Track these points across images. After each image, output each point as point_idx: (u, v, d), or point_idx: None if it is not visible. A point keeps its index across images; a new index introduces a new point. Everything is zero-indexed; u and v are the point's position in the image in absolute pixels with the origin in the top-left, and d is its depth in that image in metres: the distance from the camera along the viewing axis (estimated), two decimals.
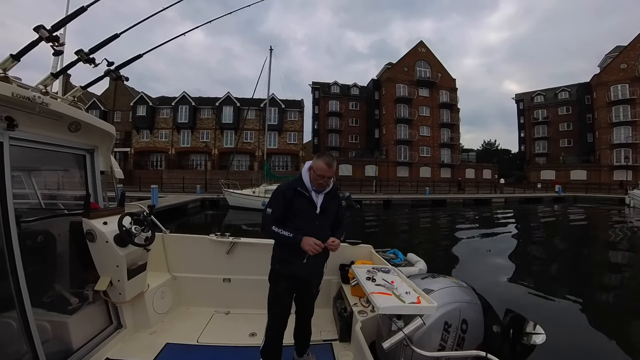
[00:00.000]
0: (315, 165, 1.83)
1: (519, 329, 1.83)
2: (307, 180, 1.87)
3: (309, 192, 1.86)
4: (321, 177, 1.82)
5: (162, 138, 32.21)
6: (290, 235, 1.76)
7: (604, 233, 12.47)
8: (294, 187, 1.85)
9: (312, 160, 1.89)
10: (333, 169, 1.84)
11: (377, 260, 2.93)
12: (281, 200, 1.83)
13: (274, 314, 1.88)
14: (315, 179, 1.84)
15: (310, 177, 1.86)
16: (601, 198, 25.01)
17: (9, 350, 1.56)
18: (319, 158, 1.85)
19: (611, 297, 5.42)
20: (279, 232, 1.78)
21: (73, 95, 1.94)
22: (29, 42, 1.46)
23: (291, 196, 1.83)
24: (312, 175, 1.85)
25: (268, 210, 1.84)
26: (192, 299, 2.87)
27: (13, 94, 1.40)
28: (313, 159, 1.89)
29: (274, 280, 1.91)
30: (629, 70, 31.83)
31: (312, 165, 1.87)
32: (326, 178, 1.83)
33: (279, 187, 1.93)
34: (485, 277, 6.12)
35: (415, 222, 15.29)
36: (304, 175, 1.89)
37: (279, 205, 1.83)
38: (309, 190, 1.86)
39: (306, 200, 1.86)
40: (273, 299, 1.89)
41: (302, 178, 1.88)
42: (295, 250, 1.79)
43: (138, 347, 2.17)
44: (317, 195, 1.89)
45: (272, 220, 1.81)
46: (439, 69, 37.98)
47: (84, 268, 2.09)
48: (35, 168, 2.19)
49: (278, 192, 1.88)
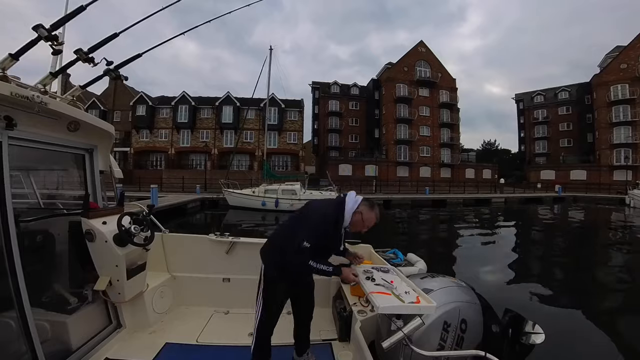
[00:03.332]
0: (369, 216, 1.79)
1: (518, 329, 1.83)
2: (349, 220, 1.80)
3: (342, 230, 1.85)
4: (366, 227, 1.81)
5: (161, 138, 32.19)
6: (330, 269, 1.71)
7: (604, 233, 12.48)
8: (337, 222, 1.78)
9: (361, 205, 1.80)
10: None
11: (376, 260, 2.93)
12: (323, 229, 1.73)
13: (269, 312, 1.83)
14: (360, 226, 1.81)
15: (354, 219, 1.79)
16: (601, 198, 25.00)
17: (8, 350, 1.56)
18: (372, 210, 1.81)
19: (611, 298, 5.42)
20: (318, 268, 1.69)
21: (72, 94, 1.93)
22: (28, 41, 1.45)
23: (333, 232, 1.79)
24: (356, 219, 1.79)
25: (305, 245, 1.64)
26: (192, 299, 2.86)
27: (12, 93, 1.40)
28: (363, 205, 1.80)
29: (270, 283, 1.83)
30: (629, 70, 31.82)
31: (362, 211, 1.78)
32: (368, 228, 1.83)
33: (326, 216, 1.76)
34: (484, 277, 6.13)
35: (415, 222, 15.29)
36: (347, 213, 1.78)
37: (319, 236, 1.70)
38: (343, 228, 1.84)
39: (337, 238, 1.87)
40: (268, 298, 1.83)
41: (345, 216, 1.78)
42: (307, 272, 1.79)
43: (137, 347, 2.17)
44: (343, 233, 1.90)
45: (309, 255, 1.67)
46: (438, 69, 37.96)
47: (83, 268, 2.09)
48: (34, 168, 2.18)
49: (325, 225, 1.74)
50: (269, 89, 23.34)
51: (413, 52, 37.83)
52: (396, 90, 36.07)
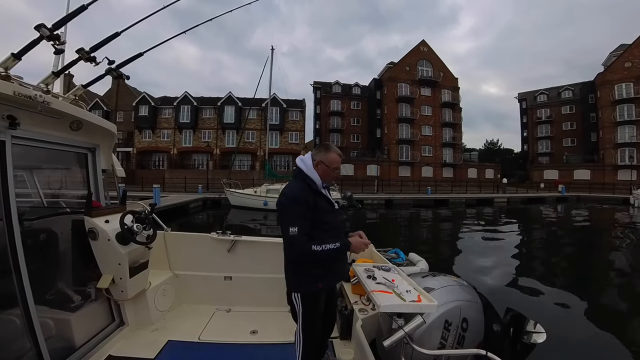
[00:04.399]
0: (329, 158, 1.69)
1: (519, 328, 1.82)
2: (318, 177, 1.67)
3: (322, 190, 1.70)
4: (336, 169, 1.71)
5: (164, 138, 32.34)
6: (337, 245, 1.55)
7: (607, 233, 12.37)
8: (312, 190, 1.64)
9: (315, 154, 1.72)
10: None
11: (377, 259, 2.93)
12: (304, 210, 1.54)
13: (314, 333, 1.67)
14: (330, 174, 1.70)
15: (320, 172, 1.68)
16: (605, 198, 24.79)
17: (12, 346, 1.58)
18: (329, 150, 1.71)
19: (613, 298, 5.38)
20: (324, 249, 1.51)
21: (74, 93, 1.95)
22: (30, 41, 1.46)
23: (313, 201, 1.60)
24: (323, 170, 1.68)
25: (293, 230, 1.48)
26: (194, 297, 2.88)
27: (15, 93, 1.41)
28: (317, 153, 1.72)
29: (310, 302, 1.63)
30: (634, 68, 31.53)
31: (320, 159, 1.69)
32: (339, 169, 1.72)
33: (293, 195, 1.59)
34: (486, 276, 6.11)
35: (417, 222, 15.25)
36: (311, 173, 1.66)
37: (304, 218, 1.53)
38: (320, 188, 1.69)
39: (325, 200, 1.70)
40: (310, 321, 1.64)
41: (312, 177, 1.66)
42: (339, 259, 1.66)
43: (140, 344, 2.19)
44: (326, 191, 1.75)
45: (305, 240, 1.51)
46: (440, 68, 37.81)
47: (86, 266, 2.11)
48: (37, 167, 2.21)
49: (297, 202, 1.56)
50: (270, 89, 23.28)
51: (415, 51, 37.71)
52: (398, 89, 35.98)
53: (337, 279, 1.77)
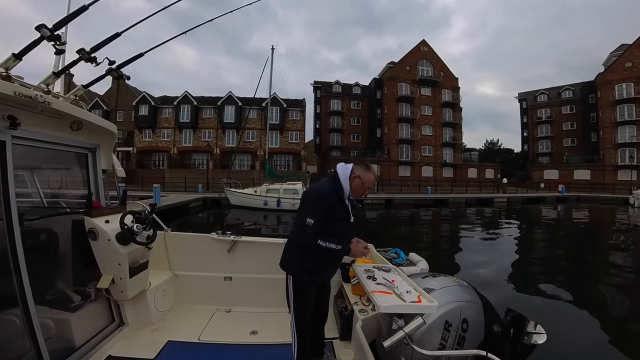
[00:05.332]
0: (367, 177, 1.78)
1: (519, 329, 1.82)
2: (348, 187, 1.76)
3: (345, 201, 1.79)
4: (368, 189, 1.80)
5: (164, 137, 32.33)
6: (339, 247, 1.68)
7: (608, 233, 12.38)
8: (337, 195, 1.74)
9: (356, 169, 1.80)
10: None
11: (378, 259, 2.92)
12: (324, 206, 1.67)
13: (304, 321, 1.80)
14: (361, 190, 1.79)
15: (352, 185, 1.77)
16: (605, 198, 24.78)
17: (12, 346, 1.58)
18: (369, 170, 1.81)
19: (613, 298, 5.38)
20: (327, 247, 1.64)
21: (75, 94, 1.95)
22: (31, 41, 1.46)
23: (333, 204, 1.71)
24: (357, 185, 1.78)
25: (309, 221, 1.62)
26: (194, 297, 2.88)
27: (15, 93, 1.41)
28: (357, 168, 1.80)
29: (300, 290, 1.78)
30: (634, 68, 31.51)
31: (359, 174, 1.78)
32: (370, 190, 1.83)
33: (321, 191, 1.74)
34: (486, 277, 6.10)
35: (417, 222, 15.26)
36: (344, 182, 1.76)
37: (321, 214, 1.65)
38: (345, 198, 1.78)
39: (343, 209, 1.78)
40: (301, 308, 1.79)
41: (342, 185, 1.75)
42: (333, 260, 1.77)
43: (140, 345, 2.19)
44: (349, 203, 1.84)
45: (316, 233, 1.63)
46: (441, 68, 37.79)
47: (87, 266, 2.11)
48: (38, 167, 2.20)
49: (321, 197, 1.70)
50: (270, 89, 23.29)
51: (415, 51, 37.68)
52: (398, 89, 35.96)
53: (324, 278, 1.88)
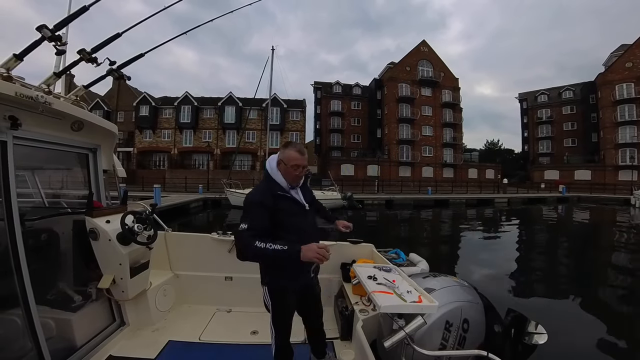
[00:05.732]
0: (287, 156, 1.60)
1: (520, 329, 1.81)
2: (282, 179, 1.62)
3: (289, 192, 1.64)
4: (296, 168, 1.60)
5: (164, 138, 32.37)
6: (285, 247, 1.38)
7: (608, 234, 12.35)
8: (272, 192, 1.58)
9: (277, 155, 1.66)
10: (306, 156, 1.64)
11: (378, 260, 2.92)
12: (259, 210, 1.51)
13: (284, 326, 1.69)
14: (290, 173, 1.61)
15: (283, 173, 1.62)
16: (606, 198, 24.75)
17: (14, 346, 1.58)
18: (287, 148, 1.63)
19: (614, 299, 5.36)
20: (267, 248, 1.37)
21: (75, 94, 1.95)
22: (32, 42, 1.46)
23: (273, 203, 1.54)
24: (285, 170, 1.61)
25: (242, 226, 1.44)
26: (194, 297, 2.88)
27: (16, 94, 1.42)
28: (279, 153, 1.66)
29: (278, 296, 1.65)
30: (635, 69, 31.47)
31: (280, 159, 1.63)
32: (301, 168, 1.61)
33: (250, 197, 1.57)
34: (487, 277, 6.10)
35: (417, 223, 15.24)
36: (274, 175, 1.63)
37: (257, 216, 1.48)
38: (287, 189, 1.63)
39: (291, 202, 1.64)
40: (280, 315, 1.67)
41: (275, 179, 1.62)
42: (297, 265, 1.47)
43: (141, 344, 2.19)
44: (296, 192, 1.69)
45: (251, 236, 1.40)
46: (441, 68, 37.78)
47: (87, 266, 2.11)
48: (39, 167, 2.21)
49: (252, 203, 1.53)
50: (271, 89, 23.28)
51: (415, 51, 37.67)
52: (398, 89, 35.95)
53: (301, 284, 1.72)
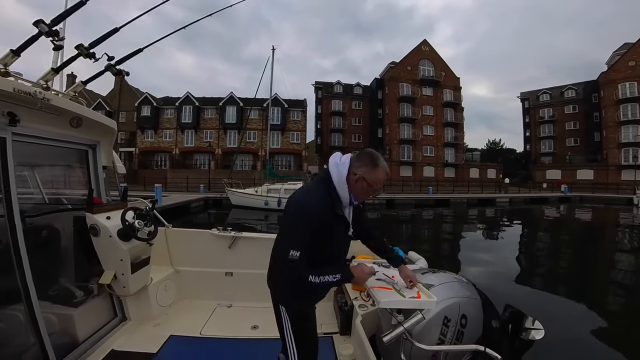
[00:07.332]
0: (375, 178, 1.28)
1: (518, 324, 1.81)
2: (346, 194, 1.31)
3: (344, 210, 1.35)
4: (375, 191, 1.32)
5: (166, 138, 32.47)
6: (337, 278, 1.26)
7: (610, 233, 12.31)
8: (332, 209, 1.29)
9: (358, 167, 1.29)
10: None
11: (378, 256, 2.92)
12: (309, 226, 1.21)
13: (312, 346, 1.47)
14: (365, 193, 1.32)
15: (355, 189, 1.31)
16: (608, 198, 24.61)
17: (16, 342, 1.59)
18: (377, 167, 1.28)
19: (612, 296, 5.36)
20: (321, 282, 1.22)
21: (74, 90, 1.95)
22: (29, 37, 1.46)
23: (327, 222, 1.26)
24: (361, 187, 1.29)
25: (294, 254, 1.16)
26: (195, 293, 2.90)
27: (14, 90, 1.41)
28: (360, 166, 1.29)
29: (301, 317, 1.40)
30: (638, 67, 31.27)
31: (364, 176, 1.27)
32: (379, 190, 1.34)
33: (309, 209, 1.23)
34: (486, 274, 6.10)
35: (418, 222, 15.23)
36: (339, 186, 1.29)
37: (305, 236, 1.20)
38: (345, 206, 1.35)
39: (344, 224, 1.38)
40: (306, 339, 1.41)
41: (339, 192, 1.29)
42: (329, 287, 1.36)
43: (142, 339, 2.20)
44: (349, 211, 1.40)
45: (304, 268, 1.20)
46: (442, 68, 37.69)
47: (89, 262, 2.12)
48: (38, 163, 2.21)
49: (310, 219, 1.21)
50: (271, 89, 23.34)
51: (416, 51, 37.60)
52: (399, 89, 35.91)
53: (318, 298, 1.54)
